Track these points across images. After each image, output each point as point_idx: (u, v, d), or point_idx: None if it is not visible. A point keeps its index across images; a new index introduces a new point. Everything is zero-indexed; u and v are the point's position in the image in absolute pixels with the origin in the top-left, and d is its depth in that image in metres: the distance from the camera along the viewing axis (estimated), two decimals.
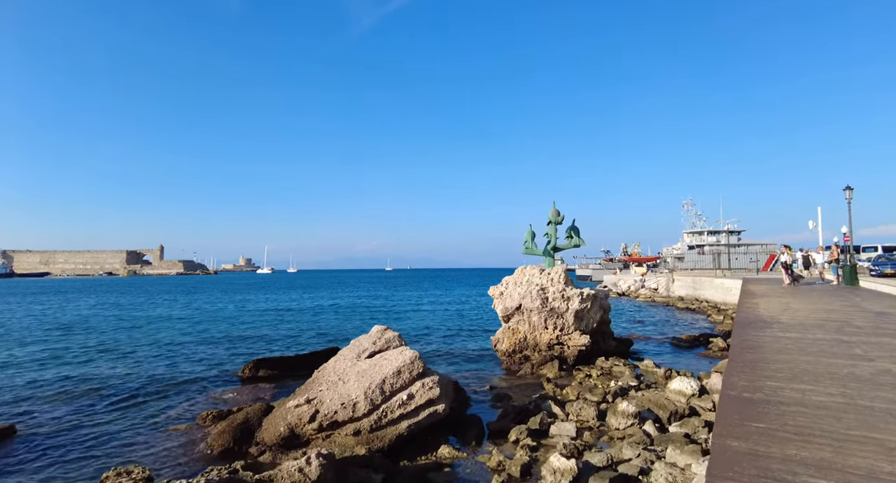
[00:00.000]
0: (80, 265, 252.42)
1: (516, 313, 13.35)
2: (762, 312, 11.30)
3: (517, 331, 13.44)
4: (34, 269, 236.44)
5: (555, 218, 14.49)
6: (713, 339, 17.15)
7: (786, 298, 14.77)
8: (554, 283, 13.48)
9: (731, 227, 75.14)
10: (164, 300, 45.85)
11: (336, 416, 6.82)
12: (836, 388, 4.79)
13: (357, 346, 8.65)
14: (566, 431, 7.78)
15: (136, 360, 15.28)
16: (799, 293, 16.68)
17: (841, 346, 6.97)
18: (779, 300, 14.18)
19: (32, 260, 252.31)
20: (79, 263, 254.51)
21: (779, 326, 8.93)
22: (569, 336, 13.19)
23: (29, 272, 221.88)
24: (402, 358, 7.64)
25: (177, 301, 44.76)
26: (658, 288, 43.33)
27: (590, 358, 13.44)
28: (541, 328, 13.25)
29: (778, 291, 17.69)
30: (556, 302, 13.05)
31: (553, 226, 14.61)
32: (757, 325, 9.07)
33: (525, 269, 14.33)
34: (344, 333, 21.00)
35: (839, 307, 12.11)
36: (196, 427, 8.32)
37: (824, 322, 9.38)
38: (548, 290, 13.27)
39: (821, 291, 17.62)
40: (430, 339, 18.63)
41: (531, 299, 12.99)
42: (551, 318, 13.17)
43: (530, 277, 13.84)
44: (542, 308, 13.01)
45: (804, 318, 9.98)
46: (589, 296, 13.25)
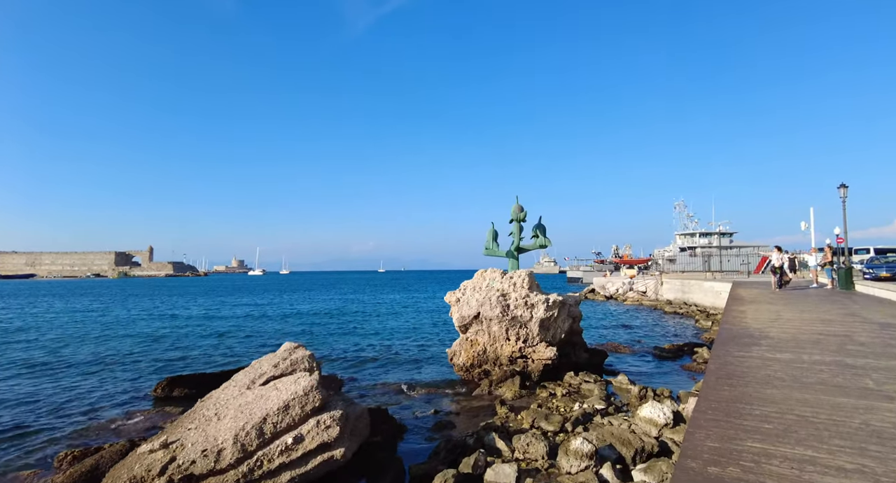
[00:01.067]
0: (68, 267, 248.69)
1: (474, 322, 11.78)
2: (749, 323, 9.80)
3: (476, 342, 11.87)
4: (19, 271, 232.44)
5: (517, 215, 12.92)
6: (698, 348, 15.66)
7: (777, 306, 13.30)
8: (517, 288, 11.92)
9: (722, 228, 74.21)
10: (135, 303, 43.88)
11: (193, 467, 5.21)
12: (849, 452, 3.24)
13: (255, 369, 7.03)
14: (504, 477, 6.21)
15: (45, 374, 13.54)
16: (791, 299, 15.23)
17: (846, 373, 5.44)
18: (769, 307, 12.70)
19: (18, 261, 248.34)
20: (66, 265, 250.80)
21: (768, 343, 7.41)
22: (533, 348, 11.62)
23: (13, 274, 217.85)
24: (293, 388, 6.02)
25: (148, 304, 42.80)
26: (647, 291, 41.94)
27: (557, 373, 11.89)
28: (502, 339, 11.68)
29: (768, 297, 16.24)
30: (518, 310, 11.48)
31: (517, 224, 13.03)
32: (742, 342, 7.55)
33: (485, 273, 12.76)
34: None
35: (837, 316, 10.63)
36: (42, 474, 6.64)
37: (822, 337, 7.88)
38: (509, 296, 11.70)
39: (815, 297, 16.18)
40: (388, 351, 16.90)
41: (490, 307, 11.42)
42: (513, 328, 11.60)
43: (490, 282, 12.28)
44: (502, 316, 11.44)
45: (798, 332, 8.48)
46: (556, 302, 11.69)
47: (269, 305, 41.46)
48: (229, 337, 21.66)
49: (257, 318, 30.07)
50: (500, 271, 12.60)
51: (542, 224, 13.23)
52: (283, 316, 31.83)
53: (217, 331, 23.79)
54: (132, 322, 28.08)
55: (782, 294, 17.20)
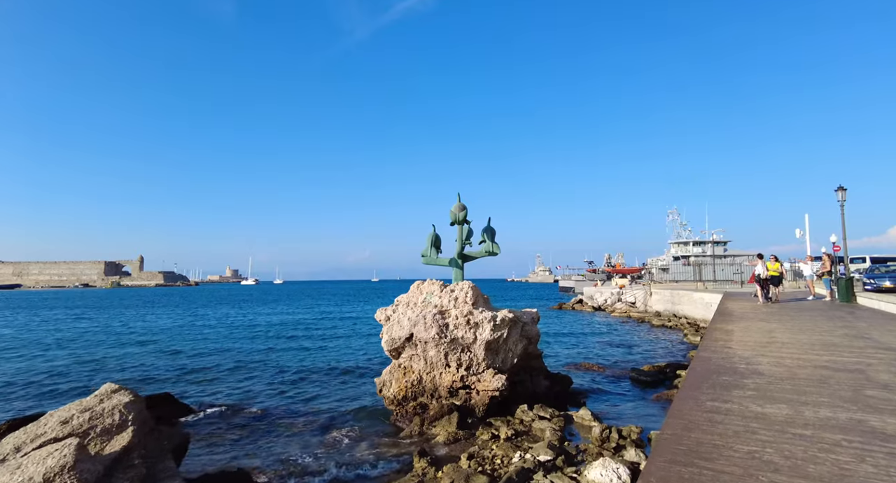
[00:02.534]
0: (56, 276, 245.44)
1: (407, 346, 9.76)
2: (734, 349, 7.83)
3: (409, 370, 9.84)
4: (6, 281, 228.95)
5: (457, 216, 10.96)
6: (681, 372, 13.66)
7: (770, 324, 11.35)
8: (458, 303, 9.93)
9: (716, 237, 72.69)
10: (96, 315, 41.49)
11: None
12: None
13: (38, 426, 4.99)
14: None
15: None
16: (787, 315, 13.29)
17: (872, 448, 3.47)
18: (761, 326, 10.75)
19: (5, 271, 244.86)
20: (54, 275, 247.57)
21: (755, 384, 5.43)
22: (478, 377, 9.60)
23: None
24: (32, 471, 3.90)
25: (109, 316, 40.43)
26: (635, 302, 39.99)
27: (508, 405, 9.86)
28: (440, 366, 9.66)
29: (761, 312, 14.30)
30: (459, 330, 9.48)
31: (461, 228, 11.02)
32: (720, 381, 5.57)
33: (422, 285, 10.78)
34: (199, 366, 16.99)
35: (843, 339, 8.68)
36: None
37: (829, 373, 5.91)
38: (449, 313, 9.70)
39: (813, 311, 14.26)
40: (320, 377, 14.55)
41: (425, 326, 9.41)
42: (454, 353, 9.59)
43: (428, 296, 10.29)
44: (440, 338, 9.43)
45: (796, 363, 6.51)
46: (505, 321, 9.70)
47: (241, 316, 39.20)
48: (167, 353, 19.49)
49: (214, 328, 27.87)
50: (440, 283, 10.60)
51: (491, 227, 11.26)
52: (238, 329, 29.61)
53: (158, 344, 21.60)
54: (62, 339, 25.83)
55: (777, 309, 15.27)
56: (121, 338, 25.51)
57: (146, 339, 24.96)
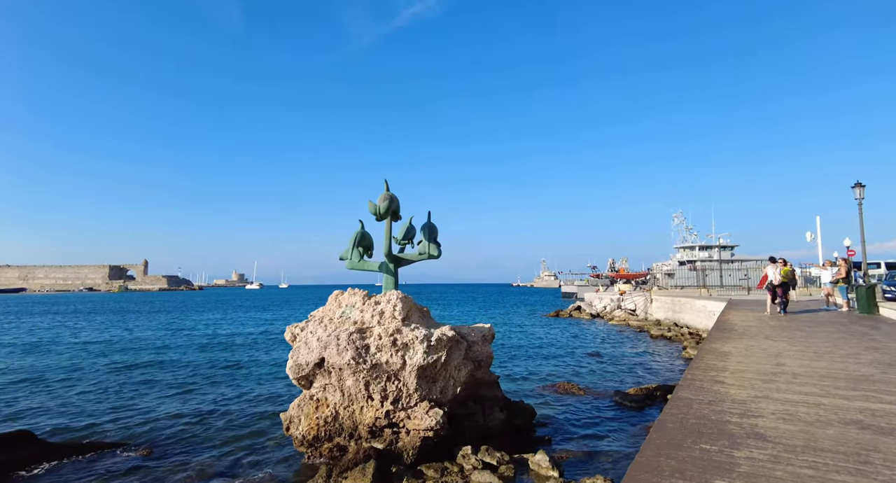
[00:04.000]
0: (61, 280, 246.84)
1: (319, 373, 7.80)
2: (728, 385, 5.81)
3: (323, 403, 7.89)
4: (12, 285, 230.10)
5: (378, 208, 8.63)
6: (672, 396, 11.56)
7: (778, 342, 9.28)
8: (385, 319, 7.97)
9: (723, 241, 70.26)
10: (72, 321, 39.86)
11: None
12: None
13: None
14: None
15: None
16: (798, 330, 11.19)
17: None
18: (766, 347, 8.69)
19: (11, 275, 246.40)
20: (59, 278, 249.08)
21: (751, 465, 3.41)
22: (408, 412, 7.62)
23: (3, 288, 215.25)
24: None
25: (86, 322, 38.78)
26: (636, 309, 37.76)
27: (450, 447, 7.87)
28: (361, 399, 7.70)
29: (767, 326, 12.21)
30: (383, 353, 7.52)
31: (388, 224, 8.92)
32: (695, 457, 3.57)
33: (341, 296, 8.82)
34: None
35: (874, 368, 6.61)
36: None
37: (868, 438, 3.86)
38: (371, 331, 7.75)
39: (829, 325, 12.15)
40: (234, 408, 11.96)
41: (338, 349, 7.46)
42: (377, 382, 7.63)
43: (347, 310, 8.35)
44: (358, 364, 7.47)
45: (816, 416, 4.48)
46: (443, 341, 7.72)
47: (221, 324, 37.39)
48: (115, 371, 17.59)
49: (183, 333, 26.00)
50: (363, 294, 8.62)
51: (431, 224, 9.28)
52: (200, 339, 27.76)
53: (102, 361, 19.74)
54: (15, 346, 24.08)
55: (787, 321, 13.16)
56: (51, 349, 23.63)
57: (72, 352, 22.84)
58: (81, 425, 10.60)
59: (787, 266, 14.96)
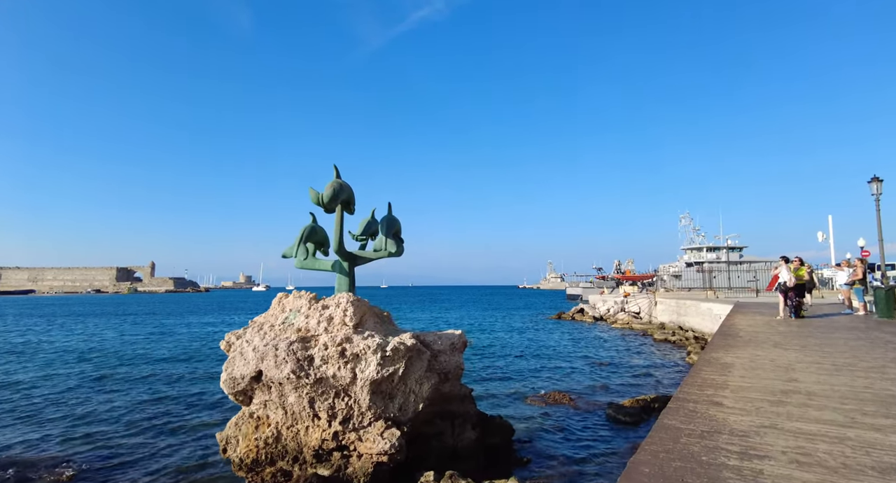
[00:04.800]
0: (69, 282, 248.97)
1: (257, 388, 6.82)
2: (727, 408, 4.74)
3: (264, 422, 6.92)
4: (22, 287, 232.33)
5: (321, 198, 7.34)
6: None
7: (789, 351, 8.17)
8: (333, 325, 6.97)
9: (731, 242, 68.63)
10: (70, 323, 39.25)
11: None
12: None
13: None
14: None
15: None
16: (812, 337, 10.05)
17: None
18: (775, 357, 7.59)
19: (20, 277, 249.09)
20: (67, 280, 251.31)
21: None
22: (359, 433, 6.62)
23: (13, 290, 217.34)
24: None
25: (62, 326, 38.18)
26: (640, 312, 36.49)
27: (411, 471, 6.85)
28: (306, 418, 6.71)
29: (777, 331, 11.07)
30: (329, 365, 6.52)
31: (338, 216, 7.64)
32: None
33: (286, 299, 7.84)
34: None
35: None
36: None
37: None
38: (317, 340, 6.75)
39: (846, 330, 10.99)
40: (187, 416, 11.09)
41: (276, 361, 6.47)
42: (324, 399, 6.64)
43: (291, 315, 7.36)
44: (300, 377, 6.48)
45: (839, 455, 3.40)
46: (401, 351, 6.70)
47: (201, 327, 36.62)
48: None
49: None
50: (310, 296, 7.62)
51: (392, 218, 8.26)
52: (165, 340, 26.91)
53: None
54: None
55: (798, 327, 12.01)
56: None
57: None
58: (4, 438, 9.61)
59: (803, 266, 13.79)
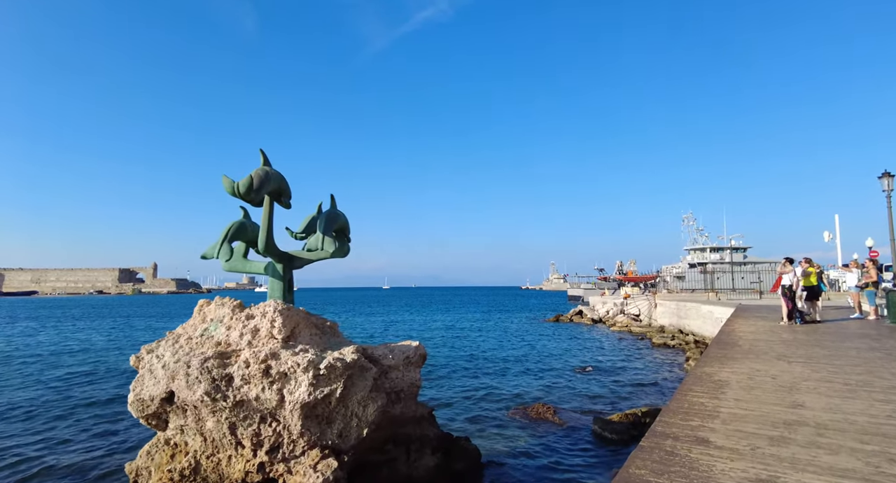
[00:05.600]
0: (72, 283, 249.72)
1: (171, 411, 5.86)
2: (715, 443, 3.73)
3: (182, 450, 5.96)
4: (24, 288, 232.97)
5: (237, 187, 6.16)
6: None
7: (794, 364, 7.14)
8: (259, 337, 6.01)
9: (735, 242, 67.36)
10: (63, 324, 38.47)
11: None
12: None
13: None
14: None
15: None
16: (819, 346, 9.00)
17: None
18: (777, 372, 6.56)
19: (24, 278, 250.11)
20: (70, 282, 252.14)
21: None
22: (289, 464, 5.65)
23: (16, 291, 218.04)
24: None
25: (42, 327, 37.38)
26: (639, 314, 35.41)
27: None
28: (228, 446, 5.76)
29: (779, 339, 10.03)
30: (252, 386, 5.56)
31: (266, 211, 6.61)
32: None
33: (207, 307, 6.85)
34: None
35: None
36: None
37: None
38: (238, 355, 5.79)
39: (857, 338, 9.94)
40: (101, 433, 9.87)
41: (189, 380, 5.51)
42: (247, 424, 5.68)
43: (213, 325, 6.38)
44: (216, 400, 5.52)
45: None
46: (337, 369, 5.72)
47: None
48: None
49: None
50: (235, 304, 6.63)
51: (333, 212, 7.25)
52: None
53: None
54: None
55: (805, 334, 10.96)
56: None
57: None
58: None
59: (812, 268, 12.75)
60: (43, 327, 37.82)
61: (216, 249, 6.83)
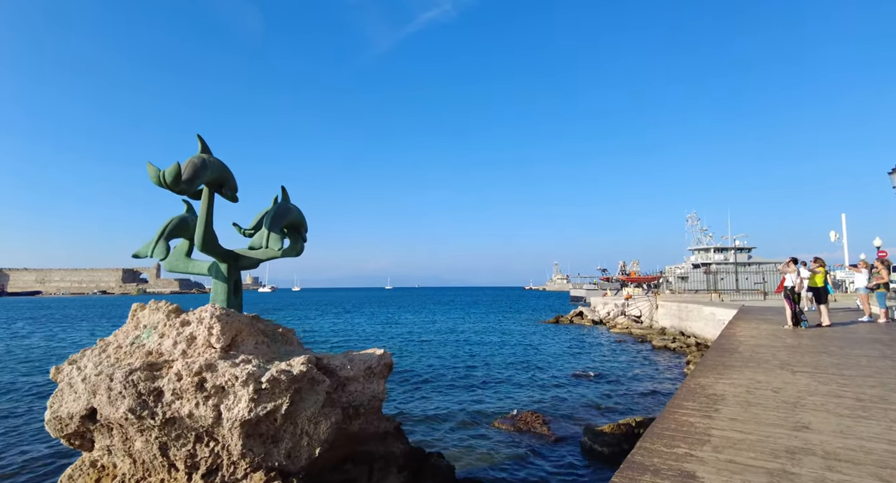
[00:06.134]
0: (76, 283, 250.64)
1: (96, 430, 5.23)
2: (703, 478, 3.08)
3: (109, 473, 5.35)
4: (29, 288, 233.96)
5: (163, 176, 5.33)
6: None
7: (797, 375, 6.44)
8: (195, 348, 5.39)
9: (739, 243, 66.33)
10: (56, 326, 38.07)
11: None
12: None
13: None
14: None
15: None
16: (825, 352, 8.30)
17: None
18: (779, 384, 5.87)
19: (28, 278, 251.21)
20: (74, 282, 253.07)
21: None
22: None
23: (20, 291, 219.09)
24: None
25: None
26: (640, 315, 34.62)
27: None
28: (160, 467, 5.14)
29: (782, 344, 9.32)
30: (184, 401, 4.94)
31: (206, 202, 5.96)
32: None
33: (141, 312, 6.20)
34: None
35: None
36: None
37: None
38: (170, 367, 5.17)
39: (867, 343, 9.22)
40: None
41: (111, 395, 4.88)
42: (180, 444, 5.06)
43: (144, 333, 5.74)
44: (143, 417, 4.90)
45: None
46: (284, 382, 5.08)
47: None
48: None
49: None
50: (171, 308, 5.99)
51: (283, 206, 6.58)
52: None
53: None
54: None
55: (808, 339, 10.24)
56: None
57: None
58: None
59: (822, 268, 12.05)
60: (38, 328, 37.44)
61: (150, 247, 6.20)
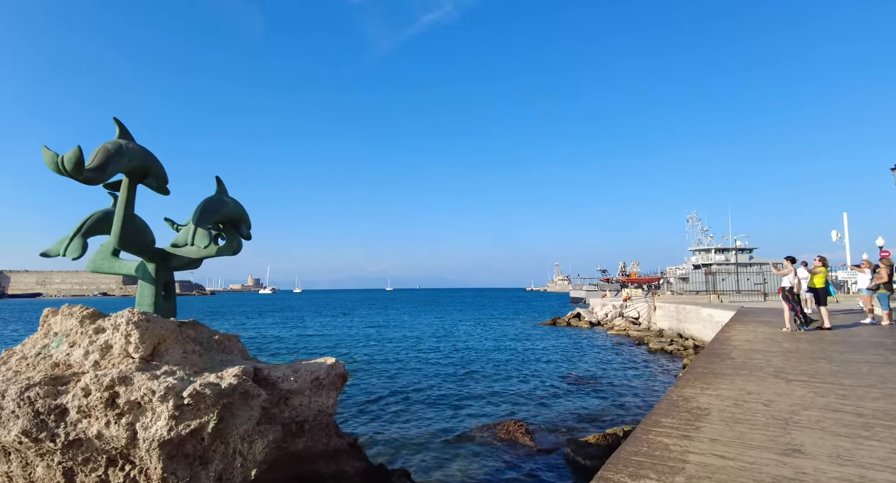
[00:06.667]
0: (77, 285, 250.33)
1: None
2: None
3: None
4: (30, 290, 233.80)
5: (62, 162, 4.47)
6: None
7: (792, 385, 5.83)
8: (110, 358, 4.80)
9: (740, 243, 65.57)
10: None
11: None
12: None
13: None
14: None
15: None
16: (825, 358, 7.68)
17: None
18: (771, 395, 5.27)
19: (29, 280, 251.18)
20: (75, 284, 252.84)
21: None
22: None
23: (21, 293, 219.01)
24: None
25: None
26: (638, 317, 33.96)
27: None
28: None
29: (779, 349, 8.70)
30: (92, 420, 4.36)
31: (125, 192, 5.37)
32: None
33: (52, 317, 5.60)
34: None
35: None
36: None
37: None
38: (77, 379, 4.59)
39: (869, 348, 8.60)
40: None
41: (4, 413, 4.30)
42: (88, 469, 4.49)
43: (54, 343, 5.16)
44: (40, 440, 4.32)
45: None
46: (209, 396, 4.50)
47: None
48: None
49: None
50: (85, 313, 5.40)
51: (219, 199, 6.00)
52: None
53: None
54: None
55: (807, 343, 9.62)
56: None
57: None
58: None
59: (824, 268, 11.47)
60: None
61: (63, 244, 5.61)
